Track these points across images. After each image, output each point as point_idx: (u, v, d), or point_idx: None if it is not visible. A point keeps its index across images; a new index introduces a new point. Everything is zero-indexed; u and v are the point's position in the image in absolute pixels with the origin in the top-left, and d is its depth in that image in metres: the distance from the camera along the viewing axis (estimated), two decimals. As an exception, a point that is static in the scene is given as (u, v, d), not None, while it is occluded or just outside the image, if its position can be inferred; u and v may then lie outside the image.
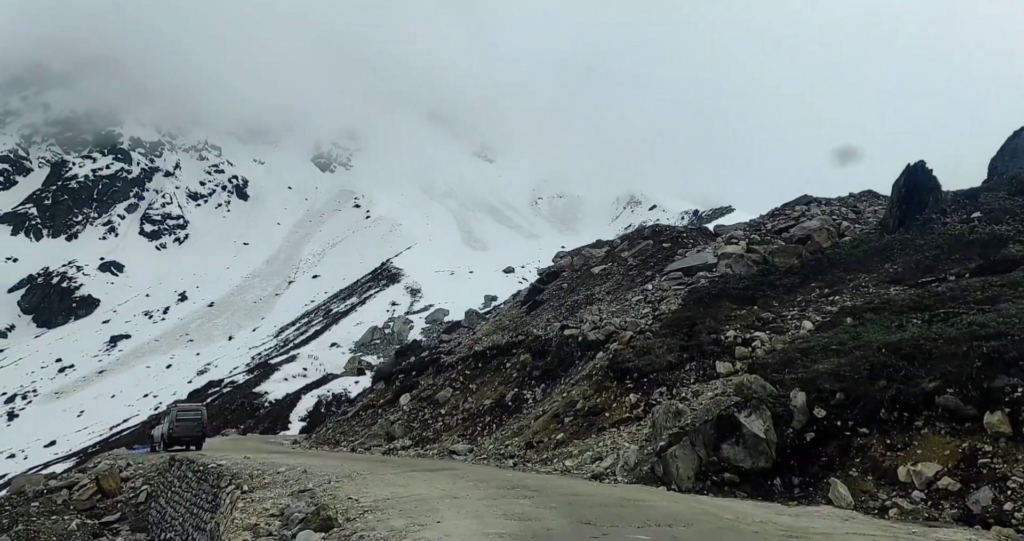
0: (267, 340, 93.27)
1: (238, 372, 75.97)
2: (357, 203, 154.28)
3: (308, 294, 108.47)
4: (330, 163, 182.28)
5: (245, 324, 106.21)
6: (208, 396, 65.76)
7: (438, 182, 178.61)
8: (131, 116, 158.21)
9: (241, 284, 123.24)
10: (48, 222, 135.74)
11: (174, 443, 23.40)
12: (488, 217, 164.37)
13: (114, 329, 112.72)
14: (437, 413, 18.70)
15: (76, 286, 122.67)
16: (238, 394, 61.74)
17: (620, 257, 24.71)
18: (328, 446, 20.72)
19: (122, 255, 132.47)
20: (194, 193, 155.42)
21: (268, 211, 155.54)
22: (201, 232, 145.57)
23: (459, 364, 20.79)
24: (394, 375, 23.39)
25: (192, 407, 25.66)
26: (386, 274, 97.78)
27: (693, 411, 9.71)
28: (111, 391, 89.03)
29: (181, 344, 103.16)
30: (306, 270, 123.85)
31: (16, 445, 77.17)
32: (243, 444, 25.86)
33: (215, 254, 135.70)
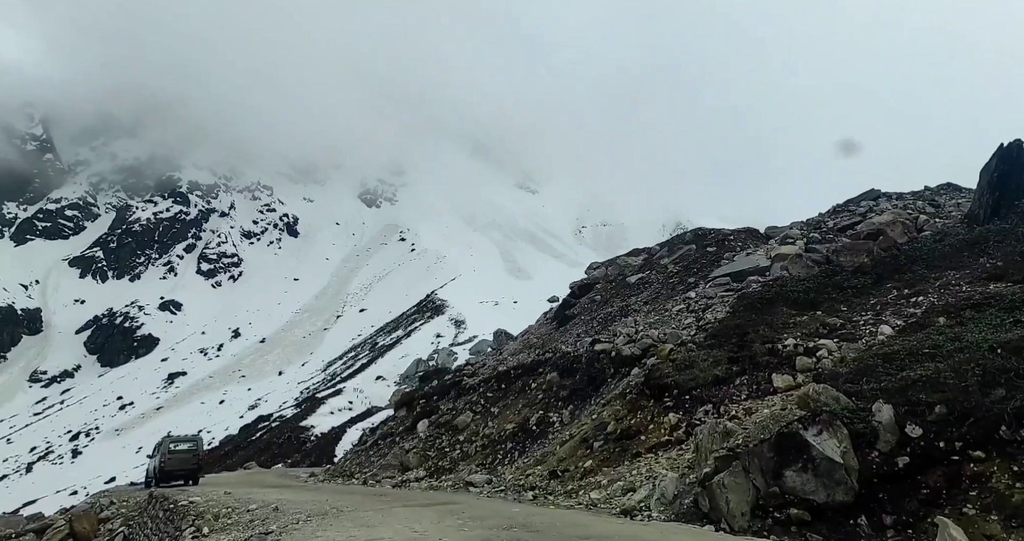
0: (315, 374, 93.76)
1: (287, 406, 76.12)
2: (402, 236, 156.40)
3: (355, 328, 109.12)
4: (376, 198, 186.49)
5: (295, 359, 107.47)
6: (258, 431, 65.90)
7: (481, 213, 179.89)
8: (189, 161, 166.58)
9: (291, 319, 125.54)
10: (113, 264, 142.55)
11: (166, 478, 21.64)
12: (531, 247, 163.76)
13: (172, 367, 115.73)
14: (455, 440, 17.17)
15: (138, 325, 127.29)
16: (286, 428, 61.47)
17: (659, 264, 22.73)
18: (342, 478, 19.30)
19: (181, 294, 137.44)
20: (248, 232, 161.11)
21: (317, 247, 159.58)
22: (254, 269, 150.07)
23: (481, 386, 19.21)
24: (415, 401, 21.88)
25: (185, 438, 23.87)
26: (431, 306, 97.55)
27: (745, 430, 7.78)
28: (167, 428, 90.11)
29: (234, 380, 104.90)
30: (353, 304, 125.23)
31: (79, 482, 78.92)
32: (252, 478, 24.42)
33: (267, 290, 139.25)
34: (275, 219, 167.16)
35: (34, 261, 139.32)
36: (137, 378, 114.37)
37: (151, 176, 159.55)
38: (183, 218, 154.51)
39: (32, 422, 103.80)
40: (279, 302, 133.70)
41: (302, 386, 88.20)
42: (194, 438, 23.57)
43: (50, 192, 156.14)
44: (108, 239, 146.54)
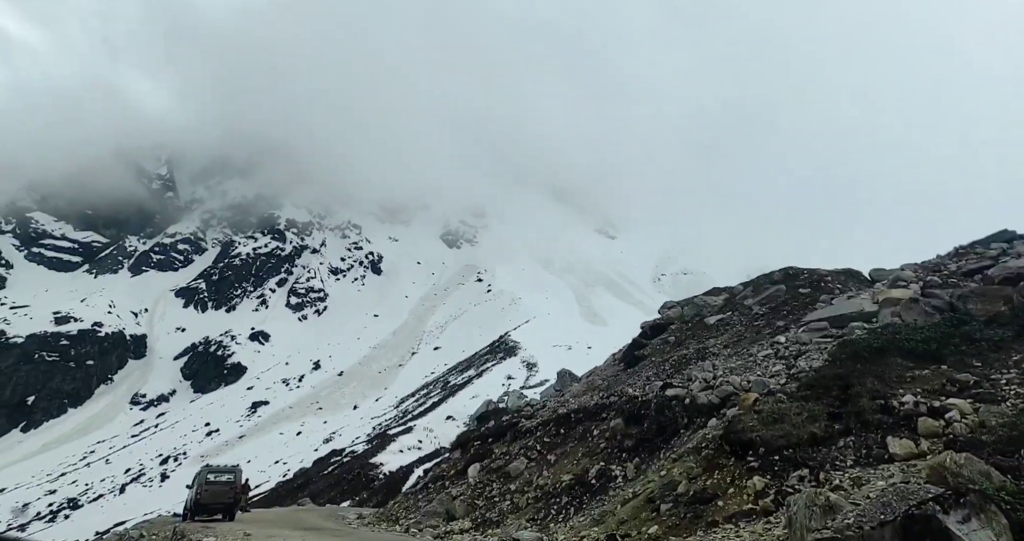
0: (388, 410, 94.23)
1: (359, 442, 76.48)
2: (480, 277, 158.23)
3: (429, 365, 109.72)
4: (457, 239, 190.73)
5: (370, 394, 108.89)
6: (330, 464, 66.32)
7: (558, 257, 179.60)
8: (289, 200, 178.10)
9: (369, 354, 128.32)
10: (213, 296, 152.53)
11: (201, 511, 20.50)
12: (608, 293, 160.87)
13: (256, 395, 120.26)
14: (506, 489, 15.59)
15: (229, 354, 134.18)
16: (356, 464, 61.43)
17: (742, 305, 20.63)
18: (387, 523, 18.03)
19: (270, 325, 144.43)
20: (335, 268, 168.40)
21: (398, 285, 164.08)
22: (338, 304, 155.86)
23: (538, 430, 17.63)
24: (470, 442, 20.55)
25: (224, 469, 22.27)
26: (504, 347, 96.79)
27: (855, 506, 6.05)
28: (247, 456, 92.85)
29: (311, 411, 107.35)
30: (429, 342, 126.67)
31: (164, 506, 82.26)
32: (293, 517, 23.10)
33: (348, 325, 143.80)
34: (361, 257, 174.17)
35: (146, 291, 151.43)
36: (224, 405, 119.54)
37: (255, 214, 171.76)
38: (279, 254, 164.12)
39: (129, 444, 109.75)
40: (359, 337, 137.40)
41: (375, 421, 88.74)
42: (232, 469, 22.14)
43: (167, 227, 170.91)
44: (212, 272, 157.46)
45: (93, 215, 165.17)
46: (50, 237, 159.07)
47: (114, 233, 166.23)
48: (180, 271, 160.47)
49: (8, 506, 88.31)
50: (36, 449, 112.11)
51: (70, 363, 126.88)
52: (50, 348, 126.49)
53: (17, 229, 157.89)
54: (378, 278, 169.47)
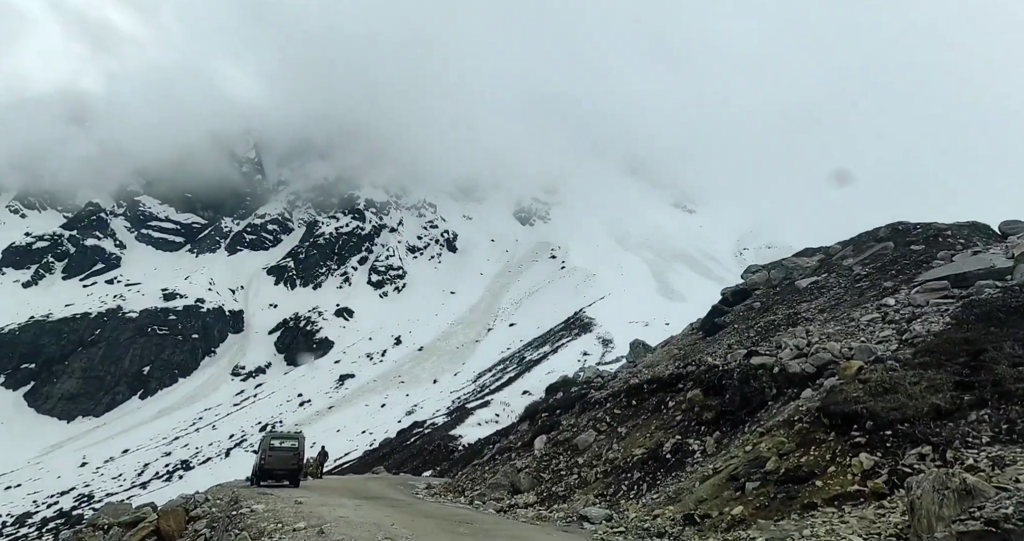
0: (466, 385, 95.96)
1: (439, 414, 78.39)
2: (553, 254, 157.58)
3: (505, 341, 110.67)
4: (530, 217, 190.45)
5: (448, 368, 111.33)
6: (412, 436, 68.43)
7: (633, 233, 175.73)
8: (367, 180, 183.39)
9: (447, 330, 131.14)
10: (300, 274, 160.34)
11: (266, 477, 20.47)
12: (686, 268, 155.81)
13: (343, 369, 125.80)
14: (573, 462, 14.78)
15: (317, 329, 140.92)
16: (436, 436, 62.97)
17: (840, 266, 18.56)
18: (452, 495, 17.69)
19: (353, 302, 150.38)
20: (412, 247, 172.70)
21: (473, 263, 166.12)
22: (416, 282, 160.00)
23: (608, 401, 16.61)
24: (538, 413, 19.81)
25: (288, 435, 22.09)
26: (578, 324, 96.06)
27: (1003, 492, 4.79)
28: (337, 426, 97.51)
29: (394, 385, 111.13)
30: (504, 318, 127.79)
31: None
32: (358, 485, 22.87)
33: (426, 302, 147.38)
34: (437, 235, 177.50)
35: (241, 269, 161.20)
36: (314, 378, 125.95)
37: (336, 194, 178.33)
38: (359, 233, 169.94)
39: (232, 412, 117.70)
40: (436, 313, 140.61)
41: (454, 395, 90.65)
42: (296, 435, 21.83)
43: (257, 209, 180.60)
44: (298, 251, 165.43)
45: (192, 198, 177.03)
46: (156, 219, 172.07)
47: (211, 214, 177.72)
48: (270, 250, 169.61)
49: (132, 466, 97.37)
50: (153, 415, 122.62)
51: (178, 336, 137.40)
52: (160, 322, 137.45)
53: (128, 212, 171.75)
54: (453, 256, 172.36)
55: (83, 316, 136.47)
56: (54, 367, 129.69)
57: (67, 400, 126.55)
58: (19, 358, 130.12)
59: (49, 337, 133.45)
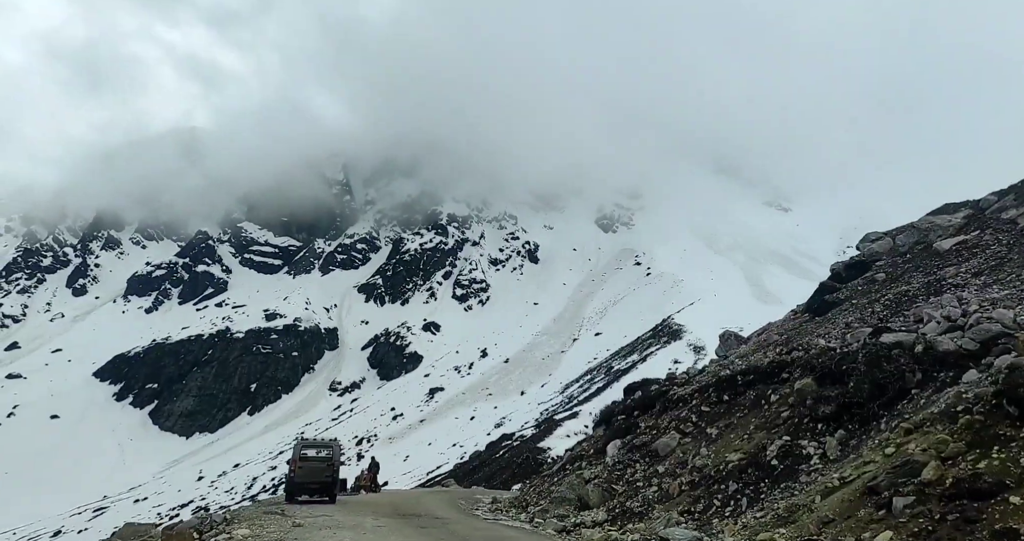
0: (553, 396, 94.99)
1: (528, 426, 77.82)
2: (638, 261, 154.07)
3: (591, 351, 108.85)
4: (612, 223, 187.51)
5: (535, 380, 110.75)
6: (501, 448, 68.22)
7: (723, 235, 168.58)
8: (449, 195, 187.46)
9: (532, 341, 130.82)
10: (389, 290, 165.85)
11: (297, 491, 18.23)
12: (782, 270, 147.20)
13: (432, 382, 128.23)
14: (652, 472, 13.03)
15: (406, 344, 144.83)
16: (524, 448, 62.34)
17: (998, 219, 15.67)
18: (515, 510, 16.16)
19: (439, 316, 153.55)
20: (494, 259, 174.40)
21: (555, 273, 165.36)
22: (499, 294, 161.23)
23: (694, 397, 14.62)
24: (614, 416, 18.16)
25: (319, 443, 19.59)
26: (667, 331, 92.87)
27: None
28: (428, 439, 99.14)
29: (482, 398, 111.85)
30: (589, 328, 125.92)
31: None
32: (412, 501, 20.41)
33: (510, 314, 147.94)
34: (518, 246, 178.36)
35: (334, 288, 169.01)
36: (406, 391, 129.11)
37: (420, 211, 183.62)
38: (442, 248, 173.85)
39: (331, 426, 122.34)
40: (521, 325, 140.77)
41: (542, 406, 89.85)
42: (329, 444, 19.33)
43: (347, 229, 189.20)
44: (386, 268, 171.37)
45: (288, 222, 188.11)
46: (257, 244, 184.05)
47: (305, 237, 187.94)
48: (360, 269, 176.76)
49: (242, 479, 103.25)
50: (260, 430, 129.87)
51: (280, 354, 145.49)
52: (263, 341, 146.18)
53: (232, 238, 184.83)
54: (535, 267, 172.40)
55: (197, 338, 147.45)
56: (173, 386, 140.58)
57: (185, 417, 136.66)
58: (144, 379, 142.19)
59: (169, 358, 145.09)
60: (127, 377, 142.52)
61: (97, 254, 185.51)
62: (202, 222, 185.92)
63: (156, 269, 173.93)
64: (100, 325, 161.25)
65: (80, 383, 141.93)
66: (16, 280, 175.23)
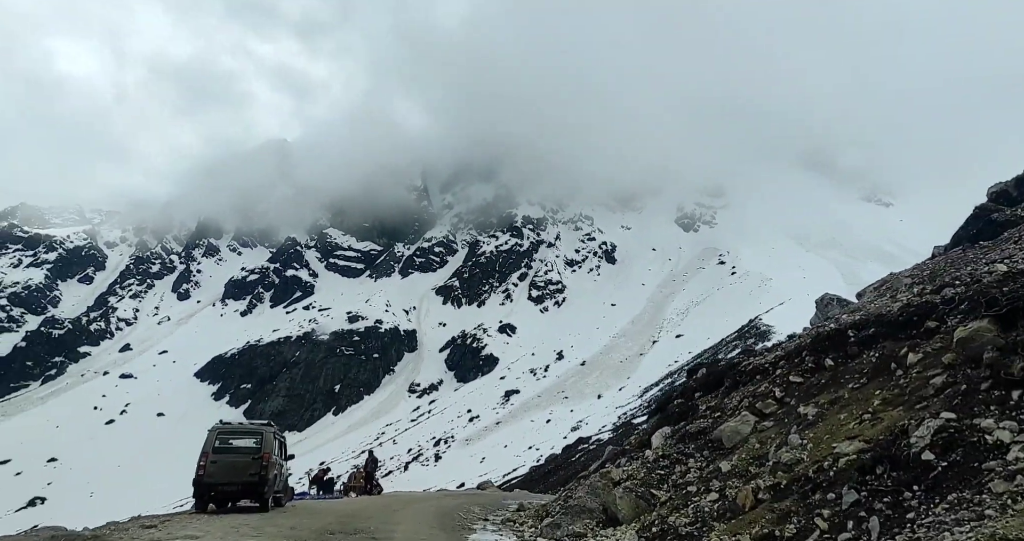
0: (632, 399, 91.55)
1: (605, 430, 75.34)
2: (721, 260, 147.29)
3: (672, 354, 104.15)
4: (693, 222, 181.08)
5: (612, 383, 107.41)
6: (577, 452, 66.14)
7: (815, 232, 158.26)
8: (524, 197, 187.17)
9: (609, 343, 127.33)
10: (465, 292, 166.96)
11: (205, 493, 13.44)
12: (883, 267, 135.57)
13: (508, 384, 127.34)
14: (712, 470, 9.22)
15: (482, 346, 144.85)
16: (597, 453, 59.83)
17: None
18: (532, 521, 12.58)
19: (515, 318, 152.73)
20: (570, 260, 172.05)
21: (633, 273, 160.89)
22: (575, 295, 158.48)
23: (779, 366, 10.95)
24: (671, 401, 14.74)
25: (244, 429, 14.55)
26: (754, 332, 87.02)
27: None
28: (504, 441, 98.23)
29: (558, 400, 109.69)
30: (670, 329, 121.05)
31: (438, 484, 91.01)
32: (403, 507, 16.98)
33: (586, 315, 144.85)
34: (595, 247, 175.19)
35: (413, 291, 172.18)
36: (482, 393, 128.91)
37: (495, 214, 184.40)
38: (518, 250, 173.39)
39: (410, 427, 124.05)
40: (597, 326, 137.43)
41: (619, 410, 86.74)
42: (258, 429, 14.26)
43: (425, 233, 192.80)
44: (463, 271, 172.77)
45: (370, 227, 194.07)
46: (341, 249, 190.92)
47: (385, 241, 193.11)
48: (438, 271, 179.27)
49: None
50: (344, 429, 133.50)
51: (362, 356, 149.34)
52: (347, 343, 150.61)
53: (318, 244, 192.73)
54: (612, 267, 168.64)
55: (285, 340, 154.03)
56: (265, 386, 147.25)
57: (276, 416, 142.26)
58: (239, 379, 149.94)
59: (261, 360, 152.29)
60: (224, 377, 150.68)
61: (199, 261, 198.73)
62: (291, 229, 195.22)
63: (250, 274, 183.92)
64: (201, 328, 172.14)
65: (183, 383, 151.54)
66: (129, 286, 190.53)
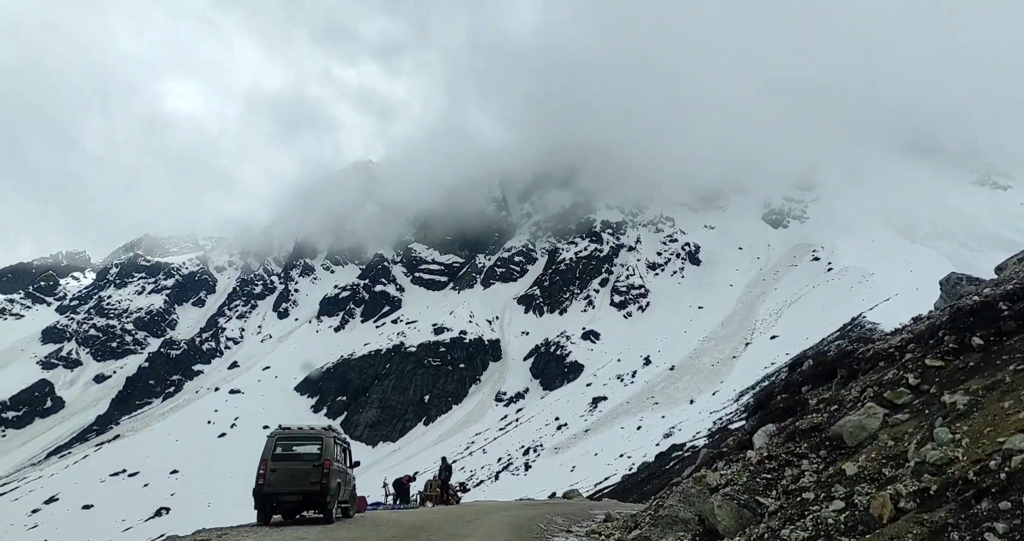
0: (727, 404, 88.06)
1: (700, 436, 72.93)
2: (816, 256, 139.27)
3: (767, 356, 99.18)
4: (782, 218, 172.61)
5: (704, 387, 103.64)
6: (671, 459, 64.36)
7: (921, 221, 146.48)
8: (602, 202, 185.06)
9: (698, 347, 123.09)
10: (547, 300, 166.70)
11: (267, 504, 12.86)
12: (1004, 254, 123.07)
13: (594, 391, 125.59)
14: (834, 473, 7.94)
15: (566, 353, 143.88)
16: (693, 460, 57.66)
17: None
18: (621, 531, 11.29)
19: (598, 324, 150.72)
20: (652, 263, 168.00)
21: (720, 274, 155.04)
22: (659, 299, 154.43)
23: (905, 350, 9.72)
24: (773, 397, 13.15)
25: (303, 434, 13.62)
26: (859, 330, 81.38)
27: None
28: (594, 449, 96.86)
29: (647, 406, 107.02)
30: (763, 331, 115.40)
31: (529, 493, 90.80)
32: (478, 517, 15.95)
33: (673, 319, 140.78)
34: (677, 249, 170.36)
35: (495, 301, 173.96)
36: (569, 401, 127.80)
37: (573, 221, 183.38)
38: (598, 255, 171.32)
39: (498, 436, 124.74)
40: (685, 330, 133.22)
41: (714, 416, 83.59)
42: (318, 434, 13.44)
43: (505, 243, 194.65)
44: (543, 279, 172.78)
45: (451, 240, 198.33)
46: (425, 263, 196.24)
47: (467, 253, 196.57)
48: (518, 280, 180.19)
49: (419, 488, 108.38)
50: (435, 439, 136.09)
51: (448, 366, 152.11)
52: (434, 354, 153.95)
53: (403, 259, 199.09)
54: (697, 269, 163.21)
55: (376, 353, 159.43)
56: (359, 398, 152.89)
57: (370, 427, 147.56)
58: (335, 392, 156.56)
59: (354, 372, 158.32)
60: (321, 391, 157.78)
61: (296, 280, 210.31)
62: (379, 246, 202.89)
63: (342, 291, 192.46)
64: (299, 344, 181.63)
65: (285, 397, 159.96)
66: (235, 307, 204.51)
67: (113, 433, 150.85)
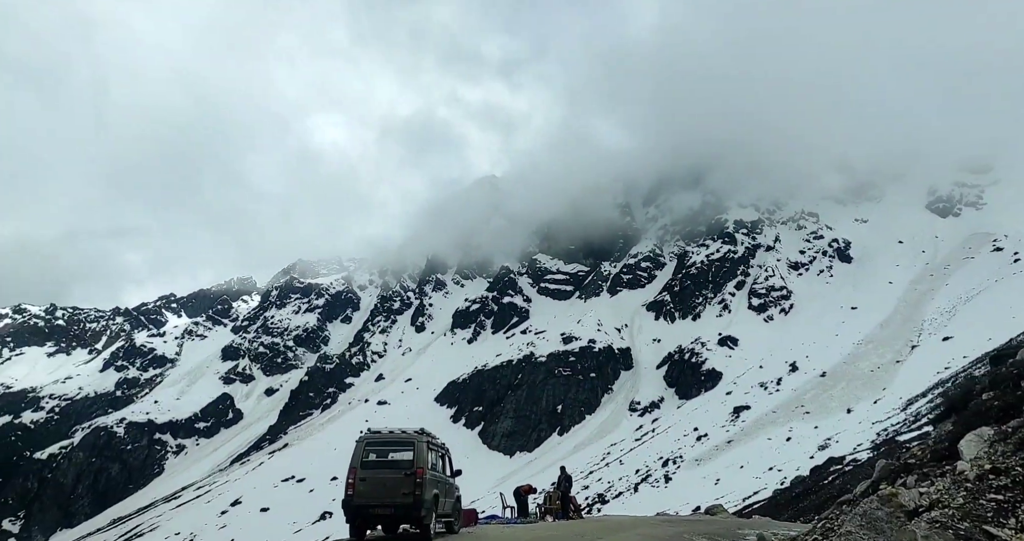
0: (893, 414, 78.72)
1: (862, 449, 65.79)
2: (997, 246, 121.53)
3: (939, 360, 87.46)
4: (952, 206, 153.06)
5: (863, 395, 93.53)
6: (829, 474, 58.70)
7: None
8: (734, 201, 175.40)
9: (853, 351, 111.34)
10: (678, 306, 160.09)
11: (358, 517, 11.75)
12: None
13: (735, 400, 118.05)
14: None
15: (702, 361, 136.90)
16: (860, 474, 52.07)
17: None
18: None
19: (735, 329, 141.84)
20: (794, 263, 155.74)
21: (876, 271, 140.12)
22: (804, 300, 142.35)
23: None
24: (972, 397, 11.23)
25: (394, 439, 12.24)
26: (1061, 326, 69.18)
27: None
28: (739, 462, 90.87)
29: (797, 416, 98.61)
30: (933, 332, 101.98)
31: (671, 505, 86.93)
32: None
33: (821, 321, 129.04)
34: (823, 246, 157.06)
35: (622, 308, 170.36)
36: (707, 410, 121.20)
37: (702, 222, 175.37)
38: (731, 257, 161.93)
39: (635, 447, 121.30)
40: (836, 333, 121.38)
41: (878, 427, 74.97)
42: (409, 439, 12.11)
43: (630, 249, 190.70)
44: (672, 284, 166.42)
45: (575, 249, 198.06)
46: (550, 273, 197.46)
47: (592, 262, 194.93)
48: (646, 287, 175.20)
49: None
50: (570, 450, 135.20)
51: (579, 376, 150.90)
52: (563, 364, 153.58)
53: (529, 270, 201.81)
54: (848, 266, 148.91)
55: (507, 363, 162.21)
56: (494, 409, 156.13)
57: (506, 437, 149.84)
58: (471, 402, 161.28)
59: (488, 383, 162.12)
60: (458, 401, 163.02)
61: (430, 295, 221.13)
62: (505, 258, 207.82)
63: (472, 304, 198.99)
64: (435, 356, 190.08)
65: (426, 407, 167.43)
66: (378, 322, 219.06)
67: (283, 442, 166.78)
